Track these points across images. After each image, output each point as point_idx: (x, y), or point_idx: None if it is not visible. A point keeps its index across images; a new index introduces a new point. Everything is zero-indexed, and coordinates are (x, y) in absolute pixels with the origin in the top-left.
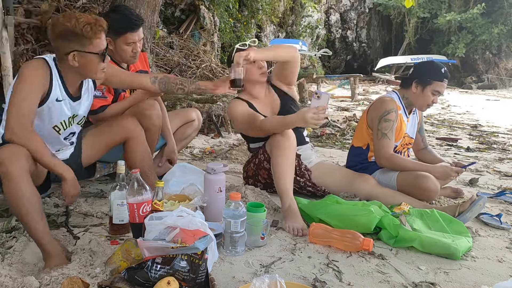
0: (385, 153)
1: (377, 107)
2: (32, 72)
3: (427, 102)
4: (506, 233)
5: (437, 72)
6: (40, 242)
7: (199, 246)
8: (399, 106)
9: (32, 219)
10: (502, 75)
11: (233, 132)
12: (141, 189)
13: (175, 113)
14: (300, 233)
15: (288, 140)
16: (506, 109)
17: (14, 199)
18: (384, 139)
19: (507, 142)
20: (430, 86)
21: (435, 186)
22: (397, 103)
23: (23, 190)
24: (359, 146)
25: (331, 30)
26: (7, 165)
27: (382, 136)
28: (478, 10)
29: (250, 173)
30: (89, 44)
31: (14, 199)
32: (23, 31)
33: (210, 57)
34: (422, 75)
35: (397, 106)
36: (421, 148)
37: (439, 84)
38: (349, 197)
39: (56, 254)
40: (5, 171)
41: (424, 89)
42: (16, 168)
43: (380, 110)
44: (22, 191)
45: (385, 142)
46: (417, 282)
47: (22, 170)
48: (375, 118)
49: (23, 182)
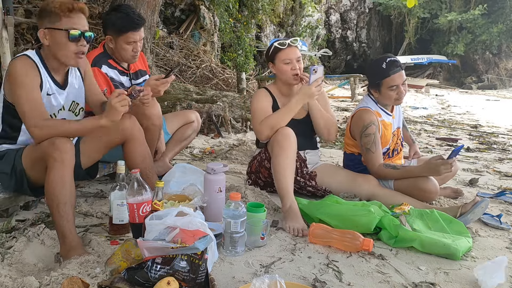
0: (372, 166)
1: (356, 122)
2: (23, 71)
3: (392, 98)
4: (506, 233)
5: (378, 71)
6: (68, 234)
7: (199, 246)
8: (378, 112)
9: (70, 209)
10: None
11: (233, 132)
12: (141, 189)
13: (174, 114)
14: (300, 233)
15: (288, 140)
16: (506, 109)
17: (57, 186)
18: (368, 154)
19: (507, 142)
20: (382, 86)
21: (434, 187)
22: (375, 109)
23: (69, 179)
24: (352, 152)
25: (331, 30)
26: (62, 151)
27: (366, 152)
28: (480, 11)
29: (253, 168)
30: (58, 20)
31: (58, 186)
32: (23, 31)
33: (210, 57)
34: (370, 80)
35: (376, 113)
36: None
37: (388, 80)
38: (349, 197)
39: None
40: (59, 157)
41: (380, 91)
42: (68, 157)
43: (359, 125)
44: (67, 180)
45: (370, 156)
46: (417, 282)
47: (72, 161)
48: (357, 134)
49: (70, 172)
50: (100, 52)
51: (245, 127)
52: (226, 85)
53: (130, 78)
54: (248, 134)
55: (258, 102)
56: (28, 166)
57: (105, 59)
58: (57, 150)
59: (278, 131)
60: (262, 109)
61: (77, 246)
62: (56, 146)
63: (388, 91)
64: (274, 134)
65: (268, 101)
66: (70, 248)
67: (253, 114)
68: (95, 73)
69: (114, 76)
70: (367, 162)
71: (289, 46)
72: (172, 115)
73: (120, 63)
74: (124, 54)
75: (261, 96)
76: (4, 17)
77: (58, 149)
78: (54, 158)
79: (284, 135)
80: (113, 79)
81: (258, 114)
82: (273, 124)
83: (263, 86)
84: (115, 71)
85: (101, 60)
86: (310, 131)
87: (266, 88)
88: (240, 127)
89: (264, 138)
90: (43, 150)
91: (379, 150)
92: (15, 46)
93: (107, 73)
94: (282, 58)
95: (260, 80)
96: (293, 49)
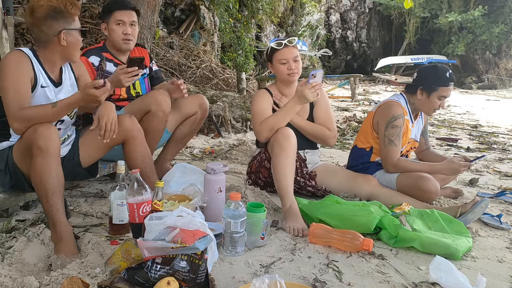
0: (392, 159)
1: (384, 111)
2: (13, 63)
3: (433, 107)
4: (506, 233)
5: (441, 77)
6: (58, 223)
7: (199, 246)
8: (405, 111)
9: (58, 199)
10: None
11: (233, 132)
12: (141, 189)
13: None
14: (300, 233)
15: (288, 140)
16: (506, 109)
17: (44, 176)
18: (391, 146)
19: (507, 142)
20: (436, 92)
21: (435, 187)
22: (404, 107)
23: (55, 169)
24: (363, 147)
25: (331, 30)
26: (46, 138)
27: (389, 143)
28: (480, 12)
29: (253, 168)
30: (73, 21)
31: (45, 176)
32: (23, 31)
33: (210, 57)
34: (426, 81)
35: (404, 110)
36: (423, 150)
37: (445, 89)
38: (349, 197)
39: (68, 240)
40: (43, 146)
41: (430, 95)
42: (53, 144)
43: (387, 115)
44: (53, 170)
45: (392, 149)
46: (417, 282)
47: (56, 149)
48: (382, 123)
49: (56, 161)
50: (98, 46)
51: (245, 127)
52: (226, 85)
53: None
54: (248, 134)
55: (258, 103)
56: (19, 159)
57: (100, 51)
58: (40, 138)
59: (278, 131)
60: (262, 110)
61: (67, 239)
62: (39, 133)
63: (437, 99)
64: (274, 134)
65: (268, 102)
66: (61, 240)
67: (253, 115)
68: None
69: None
70: (386, 156)
71: (285, 46)
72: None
73: (117, 56)
74: (114, 38)
75: (262, 96)
76: (4, 17)
77: (41, 137)
78: (38, 146)
79: (284, 135)
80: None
81: (258, 115)
82: (272, 125)
83: (264, 87)
84: (109, 63)
85: (92, 51)
86: None
87: (267, 88)
88: (240, 127)
89: (263, 139)
90: (27, 140)
91: (400, 145)
92: (15, 46)
93: (94, 63)
94: (279, 58)
95: (260, 80)
96: (290, 49)
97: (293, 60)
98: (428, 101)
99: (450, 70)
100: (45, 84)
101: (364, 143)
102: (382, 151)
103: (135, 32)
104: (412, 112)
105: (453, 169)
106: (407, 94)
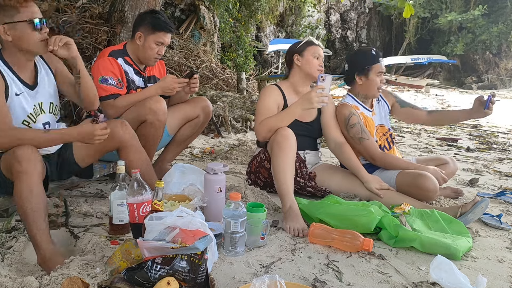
0: (374, 153)
1: (339, 118)
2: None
3: (376, 85)
4: (506, 233)
5: (369, 56)
6: (40, 244)
7: (199, 246)
8: (356, 106)
9: (39, 216)
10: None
11: (233, 132)
12: (141, 189)
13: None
14: (300, 233)
15: (288, 141)
16: (506, 109)
17: (24, 196)
18: (363, 142)
19: (507, 142)
20: (371, 71)
21: (434, 186)
22: (353, 103)
23: (35, 187)
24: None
25: (331, 30)
26: (23, 163)
27: (360, 140)
28: (480, 12)
29: (253, 168)
30: (16, 13)
31: (24, 195)
32: None
33: (210, 57)
34: (358, 66)
35: (354, 107)
36: (425, 115)
37: (378, 66)
38: (349, 197)
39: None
40: (20, 169)
41: (368, 76)
42: (31, 166)
43: (341, 120)
44: (33, 189)
45: (366, 144)
46: (417, 282)
47: (36, 169)
48: (343, 129)
49: (35, 180)
50: (119, 49)
51: (245, 127)
52: (226, 85)
53: (144, 80)
54: (248, 134)
55: (264, 99)
56: (7, 171)
57: (123, 55)
58: (19, 162)
59: (278, 131)
60: (266, 108)
61: (52, 255)
62: (17, 157)
63: (376, 77)
64: (273, 135)
65: (274, 100)
66: (45, 257)
67: (257, 110)
68: (110, 63)
69: (128, 72)
70: (366, 151)
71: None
72: (172, 110)
73: (136, 63)
74: (148, 53)
75: (270, 92)
76: None
77: (20, 160)
78: (17, 170)
79: (283, 135)
80: (126, 73)
81: (261, 113)
82: (271, 126)
83: (274, 83)
84: (130, 68)
85: (118, 54)
86: (315, 134)
87: (277, 84)
88: (240, 127)
89: (262, 139)
90: (8, 162)
91: (370, 137)
92: None
93: (122, 66)
94: (313, 51)
95: (260, 80)
96: (320, 50)
97: (322, 59)
98: (369, 82)
99: (374, 49)
100: (18, 91)
101: None
102: (361, 150)
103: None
104: (364, 102)
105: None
106: (351, 90)
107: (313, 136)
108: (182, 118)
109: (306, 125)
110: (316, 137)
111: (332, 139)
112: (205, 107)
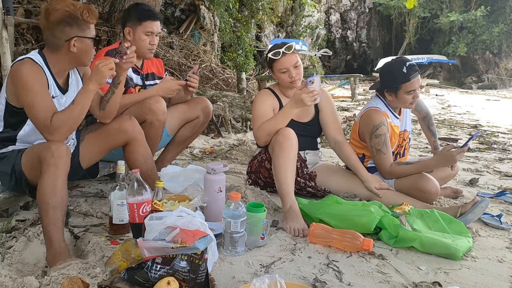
0: (384, 167)
1: (366, 122)
2: (32, 76)
3: (408, 102)
4: (506, 233)
5: (399, 75)
6: (53, 240)
7: (199, 246)
8: (386, 113)
9: (58, 214)
10: (502, 75)
11: (233, 132)
12: (141, 189)
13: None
14: (300, 233)
15: (289, 140)
16: (506, 109)
17: (48, 190)
18: (380, 155)
19: (507, 142)
20: (401, 90)
21: (435, 187)
22: (384, 110)
23: (61, 185)
24: (357, 152)
25: (331, 30)
26: (57, 156)
27: (378, 153)
28: (482, 13)
29: (253, 168)
30: (88, 29)
31: (49, 190)
32: (23, 31)
33: (210, 57)
34: (387, 83)
35: (385, 114)
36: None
37: (408, 85)
38: (349, 197)
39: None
40: (53, 161)
41: (397, 95)
42: (62, 162)
43: (369, 126)
44: (60, 186)
45: (381, 157)
46: (417, 282)
47: (64, 167)
48: (366, 134)
49: (63, 179)
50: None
51: (245, 127)
52: (226, 85)
53: (142, 78)
54: (248, 134)
55: (259, 104)
56: (27, 167)
57: None
58: (52, 155)
59: (279, 131)
60: (261, 113)
61: (63, 252)
62: (51, 151)
63: (406, 95)
64: (275, 135)
65: (269, 104)
66: (55, 253)
67: (253, 116)
68: None
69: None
70: (378, 164)
71: (283, 55)
72: (172, 111)
73: None
74: (141, 46)
75: (263, 97)
76: (4, 17)
77: (53, 154)
78: (48, 163)
79: (285, 136)
80: None
81: (258, 118)
82: (269, 130)
83: (266, 87)
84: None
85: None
86: (314, 133)
87: (270, 88)
88: (240, 127)
89: (262, 144)
90: (39, 154)
91: (389, 151)
92: (15, 46)
93: None
94: (278, 68)
95: (260, 80)
96: (289, 57)
97: (293, 67)
98: (398, 100)
99: (407, 63)
100: (55, 94)
101: (356, 150)
102: (375, 160)
103: (157, 40)
104: (393, 110)
105: (448, 160)
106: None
107: (313, 136)
108: (182, 119)
109: (305, 125)
110: (315, 136)
111: (331, 137)
112: (205, 108)
